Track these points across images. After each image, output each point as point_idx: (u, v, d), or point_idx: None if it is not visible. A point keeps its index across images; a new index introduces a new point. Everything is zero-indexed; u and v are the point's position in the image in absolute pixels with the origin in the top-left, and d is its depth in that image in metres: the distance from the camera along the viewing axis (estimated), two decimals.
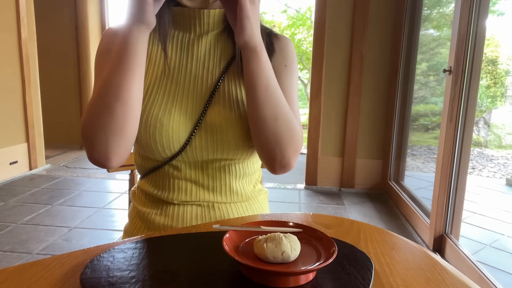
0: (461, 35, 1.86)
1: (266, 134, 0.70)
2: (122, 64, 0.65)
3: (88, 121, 0.66)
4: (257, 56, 0.68)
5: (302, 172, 3.26)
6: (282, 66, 0.80)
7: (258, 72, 0.68)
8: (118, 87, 0.65)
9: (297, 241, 0.53)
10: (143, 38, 0.66)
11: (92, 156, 0.67)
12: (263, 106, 0.69)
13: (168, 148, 0.74)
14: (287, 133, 0.71)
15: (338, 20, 2.97)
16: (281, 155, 0.72)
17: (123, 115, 0.65)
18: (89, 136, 0.66)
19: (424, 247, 1.07)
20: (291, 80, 0.80)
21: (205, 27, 0.77)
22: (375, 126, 3.08)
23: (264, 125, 0.70)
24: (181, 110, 0.74)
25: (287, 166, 0.73)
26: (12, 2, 3.15)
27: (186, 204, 0.79)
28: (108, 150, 0.66)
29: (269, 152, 0.72)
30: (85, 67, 4.38)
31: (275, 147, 0.71)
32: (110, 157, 0.67)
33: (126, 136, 0.67)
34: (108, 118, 0.65)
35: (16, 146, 3.29)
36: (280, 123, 0.70)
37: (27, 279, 0.51)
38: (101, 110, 0.65)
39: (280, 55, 0.80)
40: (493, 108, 5.17)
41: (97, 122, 0.65)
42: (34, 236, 2.17)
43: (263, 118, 0.69)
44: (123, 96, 0.65)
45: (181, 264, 0.54)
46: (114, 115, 0.65)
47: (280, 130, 0.70)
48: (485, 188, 3.67)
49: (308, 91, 5.67)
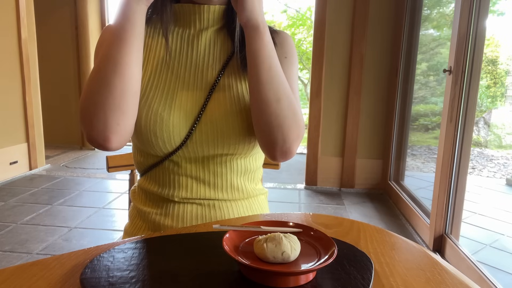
0: (461, 35, 1.86)
1: (268, 116, 0.69)
2: (120, 35, 0.65)
3: (87, 99, 0.65)
4: (259, 35, 0.68)
5: (302, 172, 3.26)
6: (282, 58, 0.80)
7: (261, 51, 0.68)
8: (116, 61, 0.64)
9: (297, 241, 0.53)
10: (141, 9, 0.66)
11: (91, 135, 0.65)
12: (266, 87, 0.68)
13: (169, 143, 0.74)
14: (289, 115, 0.69)
15: (338, 20, 2.97)
16: (283, 140, 0.70)
17: (121, 89, 0.64)
18: (88, 114, 0.65)
19: (424, 247, 1.07)
20: (291, 71, 0.81)
21: (205, 22, 0.78)
22: (375, 126, 3.08)
23: (266, 107, 0.68)
24: (182, 104, 0.74)
25: (288, 152, 0.71)
26: (12, 2, 3.15)
27: (187, 203, 0.79)
28: (107, 128, 0.65)
29: (271, 136, 0.70)
30: (85, 67, 4.38)
31: (277, 131, 0.69)
32: (109, 136, 0.65)
33: (125, 113, 0.66)
34: (107, 93, 0.63)
35: (16, 146, 3.29)
36: (282, 105, 0.69)
37: (27, 279, 0.51)
38: (100, 86, 0.64)
39: (280, 48, 0.81)
40: (493, 108, 5.17)
41: (96, 99, 0.64)
42: (34, 236, 2.17)
43: (266, 99, 0.68)
44: (121, 70, 0.64)
45: (181, 264, 0.54)
46: (112, 90, 0.64)
47: (282, 113, 0.69)
48: (485, 188, 3.67)
49: (308, 91, 5.66)
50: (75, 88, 4.45)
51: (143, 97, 0.74)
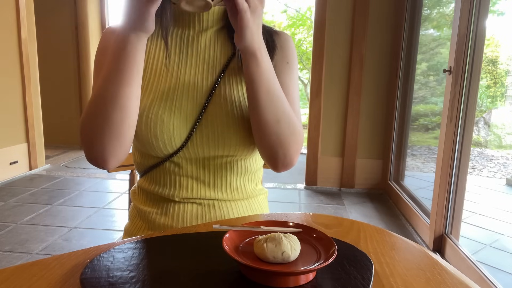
0: (461, 35, 1.86)
1: (268, 136, 0.70)
2: (119, 73, 0.63)
3: (85, 126, 0.67)
4: (256, 61, 0.66)
5: (302, 172, 3.26)
6: (284, 63, 0.80)
7: (258, 76, 0.67)
8: (115, 96, 0.64)
9: (297, 241, 0.53)
10: (142, 45, 0.64)
11: (90, 157, 0.69)
12: (265, 110, 0.69)
13: (170, 145, 0.74)
14: (289, 134, 0.71)
15: (338, 20, 2.97)
16: (284, 155, 0.72)
17: (120, 122, 0.66)
18: (87, 139, 0.68)
19: (424, 247, 1.07)
20: (292, 77, 0.80)
21: (205, 24, 0.77)
22: (375, 126, 3.08)
23: (266, 128, 0.70)
24: (182, 105, 0.74)
25: (289, 164, 0.75)
26: (12, 2, 3.15)
27: (187, 202, 0.79)
28: (105, 153, 0.68)
29: (272, 153, 0.72)
30: (85, 67, 4.38)
31: (277, 149, 0.72)
32: (107, 159, 0.68)
33: (123, 141, 0.68)
34: (104, 126, 0.65)
35: (16, 146, 3.29)
36: (282, 125, 0.70)
37: (27, 279, 0.51)
38: (98, 117, 0.65)
39: (281, 52, 0.80)
40: (493, 108, 5.17)
41: (94, 128, 0.66)
42: (34, 236, 2.17)
43: (265, 121, 0.69)
44: (120, 105, 0.64)
45: (181, 264, 0.54)
46: (110, 123, 0.65)
47: (283, 132, 0.70)
48: (485, 188, 3.67)
49: (308, 91, 5.67)
50: (75, 88, 4.45)
51: (143, 99, 0.73)
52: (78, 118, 4.47)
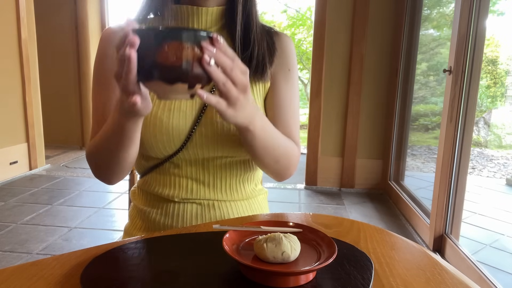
0: (461, 35, 1.86)
1: (268, 170, 0.77)
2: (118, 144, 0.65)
3: (90, 158, 0.74)
4: (249, 133, 0.64)
5: (302, 172, 3.26)
6: (286, 70, 0.80)
7: (254, 142, 0.67)
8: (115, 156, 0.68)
9: (297, 241, 0.53)
10: (138, 124, 0.62)
11: (97, 177, 0.77)
12: (263, 159, 0.72)
13: (169, 146, 0.74)
14: (288, 164, 0.78)
15: (338, 20, 2.97)
16: (282, 175, 0.80)
17: (122, 161, 0.70)
18: (93, 168, 0.75)
19: (424, 247, 1.07)
20: (293, 85, 0.81)
21: (203, 24, 0.77)
22: (375, 126, 3.08)
23: (265, 168, 0.76)
24: (181, 107, 0.74)
25: (288, 177, 0.82)
26: (12, 2, 3.15)
27: (187, 202, 0.79)
28: (108, 177, 0.75)
29: (270, 174, 0.79)
30: (85, 67, 4.38)
31: (277, 173, 0.78)
32: (112, 181, 0.76)
33: (125, 170, 0.73)
34: (107, 164, 0.71)
35: (16, 146, 3.29)
36: (281, 162, 0.75)
37: (27, 279, 0.51)
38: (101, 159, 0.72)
39: (282, 56, 0.80)
40: (493, 108, 5.17)
41: (98, 163, 0.73)
42: (34, 236, 2.17)
43: (264, 164, 0.75)
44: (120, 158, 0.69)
45: (181, 264, 0.54)
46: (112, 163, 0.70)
47: (282, 166, 0.76)
48: (485, 188, 3.67)
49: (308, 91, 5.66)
50: (75, 88, 4.45)
51: None
52: (78, 118, 4.48)
